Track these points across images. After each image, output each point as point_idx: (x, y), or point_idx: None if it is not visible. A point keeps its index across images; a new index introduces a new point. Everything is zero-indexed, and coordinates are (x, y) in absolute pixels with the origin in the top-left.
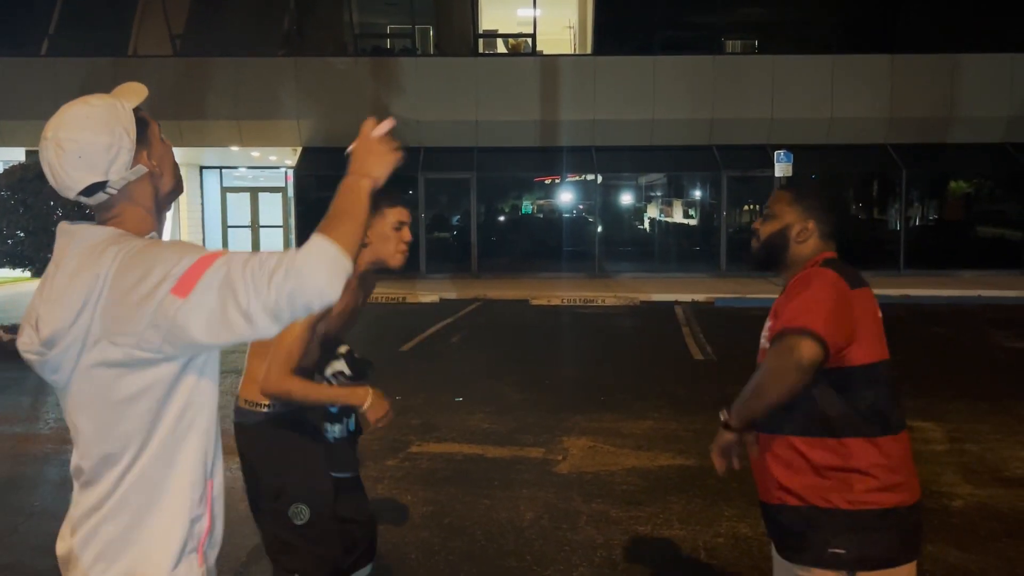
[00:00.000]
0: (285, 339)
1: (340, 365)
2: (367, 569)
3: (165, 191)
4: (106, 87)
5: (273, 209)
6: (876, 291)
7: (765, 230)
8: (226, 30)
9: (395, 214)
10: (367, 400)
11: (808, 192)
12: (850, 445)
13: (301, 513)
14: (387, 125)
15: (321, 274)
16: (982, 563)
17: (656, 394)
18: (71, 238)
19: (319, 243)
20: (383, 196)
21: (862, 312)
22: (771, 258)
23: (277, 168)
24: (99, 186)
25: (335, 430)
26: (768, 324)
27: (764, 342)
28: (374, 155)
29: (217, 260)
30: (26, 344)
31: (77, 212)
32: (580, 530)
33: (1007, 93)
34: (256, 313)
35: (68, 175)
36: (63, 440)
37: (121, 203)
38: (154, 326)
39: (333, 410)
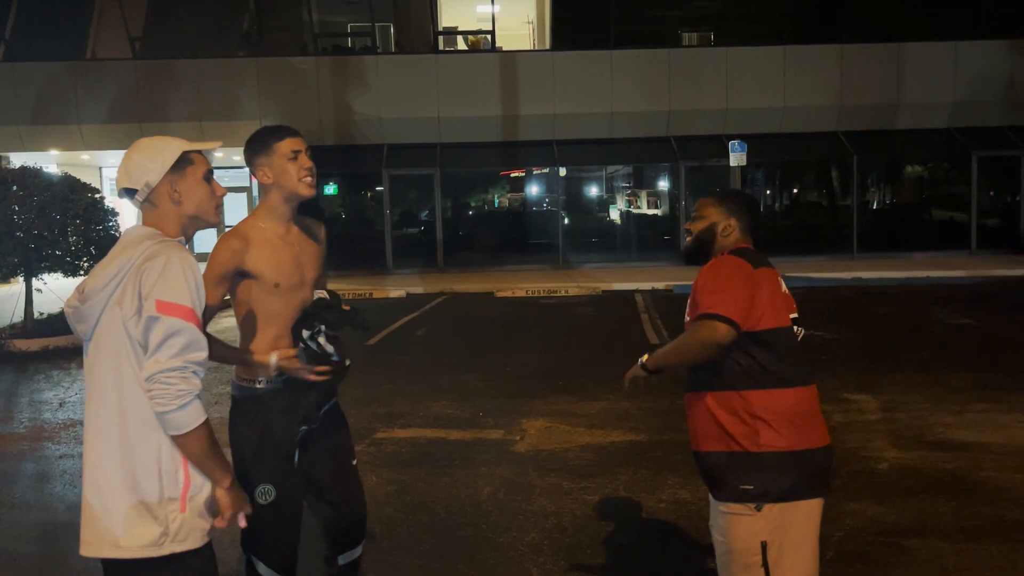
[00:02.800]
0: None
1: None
2: (356, 551)
3: (186, 214)
4: (65, 91)
5: (238, 209)
6: (830, 274)
7: (696, 228)
8: (185, 31)
9: (286, 145)
10: (270, 360)
11: (730, 194)
12: (750, 397)
13: (268, 493)
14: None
15: (175, 412)
16: (897, 515)
17: (611, 377)
18: (126, 233)
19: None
20: (269, 133)
21: (765, 287)
22: (701, 251)
23: (241, 168)
24: (130, 192)
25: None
26: (689, 301)
27: (687, 316)
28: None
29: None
30: (70, 300)
31: (44, 218)
32: (534, 501)
33: (951, 80)
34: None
35: (118, 177)
36: (38, 438)
37: (151, 211)
38: (138, 313)
39: (334, 357)
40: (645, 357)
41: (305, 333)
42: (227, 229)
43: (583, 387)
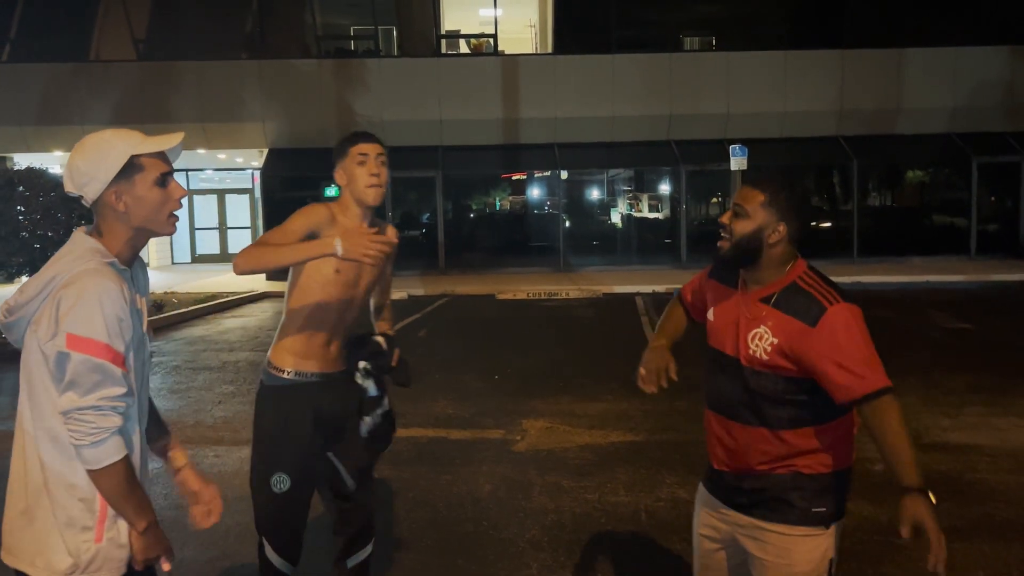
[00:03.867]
0: (269, 232)
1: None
2: (364, 552)
3: (132, 225)
4: (69, 92)
5: (240, 211)
6: (831, 278)
7: (738, 230)
8: (189, 33)
9: (356, 149)
10: (336, 244)
11: (781, 193)
12: (831, 426)
13: (282, 482)
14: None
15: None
16: (891, 515)
17: (611, 377)
18: (72, 239)
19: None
20: (349, 136)
21: None
22: (743, 260)
23: (244, 170)
24: (78, 197)
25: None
26: (774, 341)
27: (759, 353)
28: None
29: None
30: (3, 306)
31: (49, 219)
32: (534, 499)
33: (951, 85)
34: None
35: (64, 178)
36: None
37: (99, 219)
38: (52, 339)
39: (372, 393)
40: (917, 490)
41: (361, 364)
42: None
43: (583, 388)
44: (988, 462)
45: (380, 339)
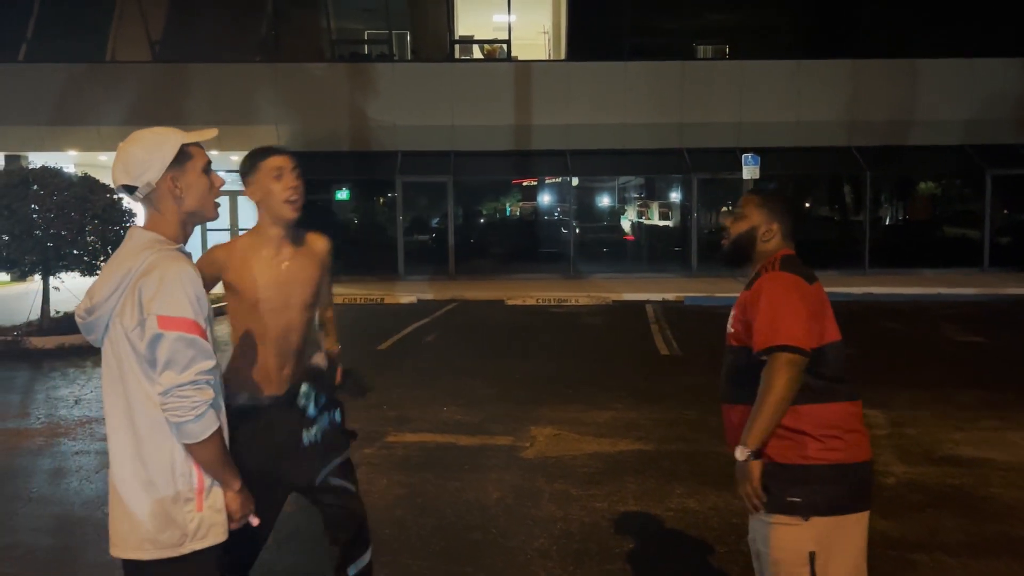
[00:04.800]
0: None
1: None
2: (364, 559)
3: (186, 211)
4: (84, 92)
5: (252, 213)
6: (841, 289)
7: (735, 229)
8: (204, 36)
9: (269, 163)
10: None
11: (774, 196)
12: (800, 411)
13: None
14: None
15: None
16: (903, 529)
17: (620, 386)
18: (129, 237)
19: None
20: (257, 151)
21: (819, 302)
22: (739, 254)
23: None
24: (130, 189)
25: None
26: (734, 313)
27: (730, 328)
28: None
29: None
30: (79, 309)
31: (63, 218)
32: (542, 507)
33: (966, 97)
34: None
35: (115, 171)
36: (54, 434)
37: (152, 211)
38: (140, 325)
39: (311, 414)
40: (739, 450)
41: (303, 388)
42: (241, 232)
43: (592, 396)
44: (1001, 477)
45: (319, 359)
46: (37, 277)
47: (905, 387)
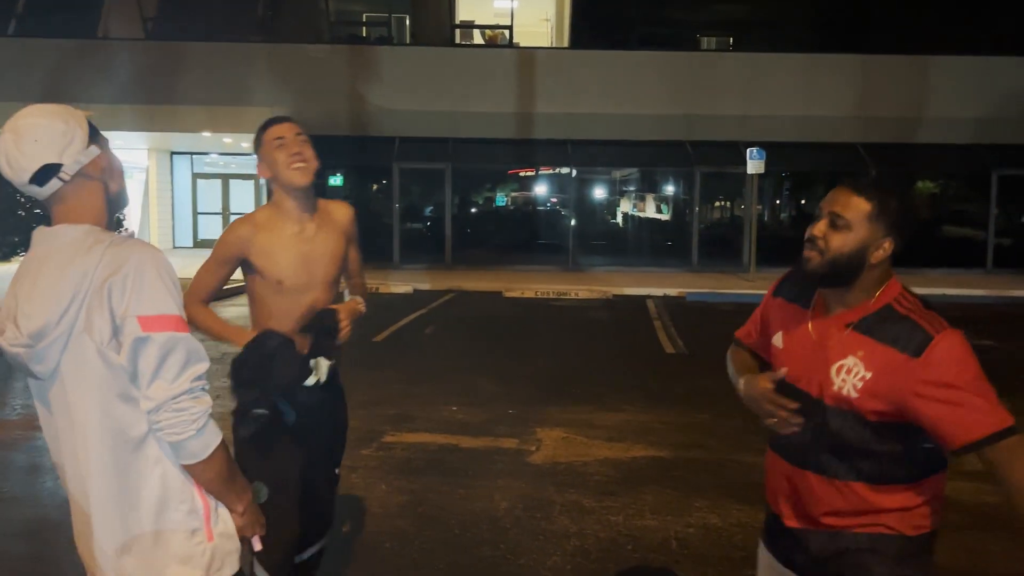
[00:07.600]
0: (199, 270)
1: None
2: (317, 546)
3: (113, 192)
4: (75, 68)
5: (244, 197)
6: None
7: (836, 245)
8: (199, 14)
9: (271, 134)
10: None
11: (891, 202)
12: (925, 483)
13: (260, 492)
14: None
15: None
16: (946, 554)
17: (629, 387)
18: (53, 237)
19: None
20: (262, 126)
21: None
22: (837, 280)
23: (249, 155)
24: (53, 170)
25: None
26: (861, 374)
27: (845, 389)
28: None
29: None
30: (11, 339)
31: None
32: (554, 520)
33: (978, 95)
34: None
35: (24, 155)
36: (32, 426)
37: (72, 200)
38: (115, 335)
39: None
40: None
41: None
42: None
43: (600, 396)
44: None
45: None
46: (20, 258)
47: None
